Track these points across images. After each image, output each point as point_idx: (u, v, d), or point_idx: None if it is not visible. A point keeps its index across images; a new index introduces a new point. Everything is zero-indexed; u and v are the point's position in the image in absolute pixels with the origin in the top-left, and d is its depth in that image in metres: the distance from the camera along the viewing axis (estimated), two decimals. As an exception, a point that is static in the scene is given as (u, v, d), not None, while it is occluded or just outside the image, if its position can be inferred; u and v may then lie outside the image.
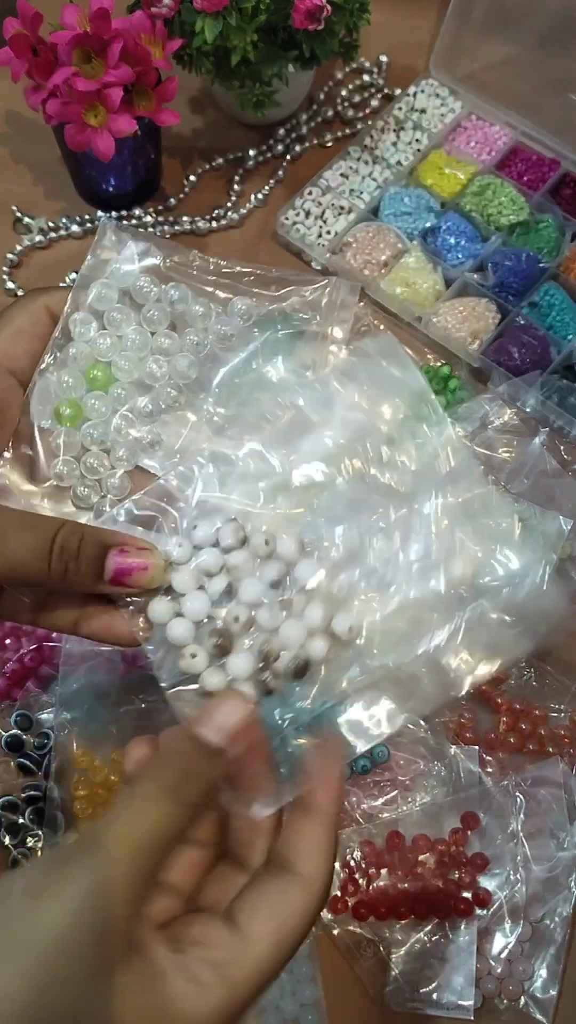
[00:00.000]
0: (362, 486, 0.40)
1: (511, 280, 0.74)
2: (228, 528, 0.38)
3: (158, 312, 0.43)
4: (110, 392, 0.42)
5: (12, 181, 0.83)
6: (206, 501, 0.40)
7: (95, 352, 0.42)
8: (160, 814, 0.31)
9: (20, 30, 0.68)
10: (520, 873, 0.58)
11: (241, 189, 0.83)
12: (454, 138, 0.85)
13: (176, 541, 0.38)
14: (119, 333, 0.43)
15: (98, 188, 0.80)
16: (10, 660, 0.62)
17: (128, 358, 0.42)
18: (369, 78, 0.89)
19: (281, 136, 0.85)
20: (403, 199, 0.79)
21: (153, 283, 0.43)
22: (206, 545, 0.38)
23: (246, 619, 0.37)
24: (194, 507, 0.40)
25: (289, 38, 0.71)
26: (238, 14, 0.66)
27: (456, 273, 0.76)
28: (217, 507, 0.39)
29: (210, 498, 0.40)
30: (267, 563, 0.38)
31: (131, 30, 0.67)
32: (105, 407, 0.42)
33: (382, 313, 0.77)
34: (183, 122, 0.80)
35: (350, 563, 0.38)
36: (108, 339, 0.42)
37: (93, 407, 0.42)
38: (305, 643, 0.37)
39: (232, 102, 0.77)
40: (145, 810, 0.31)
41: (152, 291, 0.43)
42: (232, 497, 0.40)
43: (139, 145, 0.76)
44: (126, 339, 0.43)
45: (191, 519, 0.39)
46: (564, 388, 0.71)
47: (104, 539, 0.37)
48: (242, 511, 0.39)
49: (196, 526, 0.39)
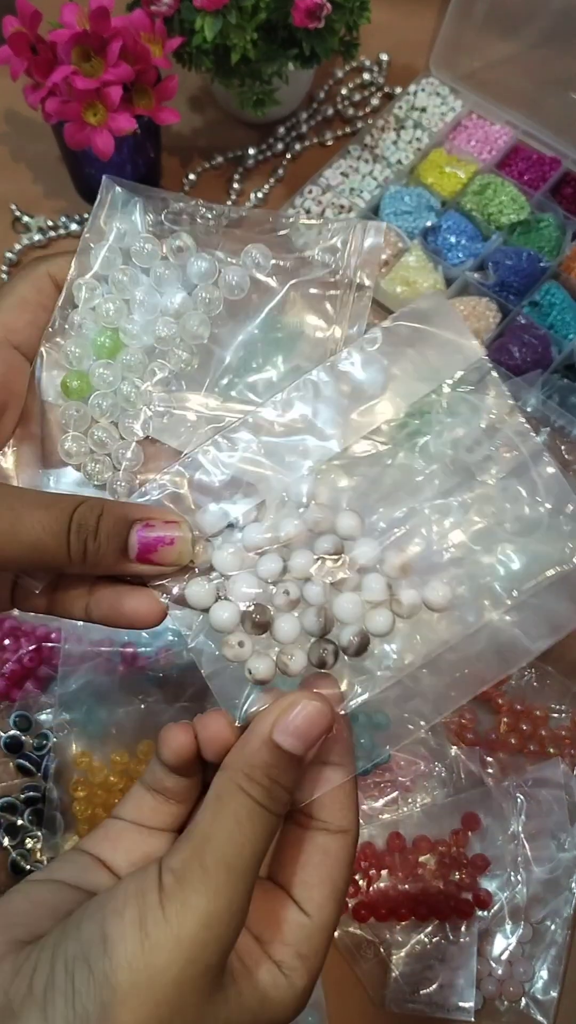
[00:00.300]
0: (414, 460, 0.37)
1: (512, 279, 0.74)
2: (273, 502, 0.35)
3: (168, 271, 0.40)
4: (118, 359, 0.39)
5: (11, 180, 0.83)
6: (240, 475, 0.36)
7: (101, 318, 0.39)
8: (258, 832, 0.31)
9: (19, 28, 0.68)
10: (521, 875, 0.58)
11: (241, 188, 0.83)
12: (454, 137, 0.84)
13: (213, 512, 0.35)
14: (125, 296, 0.40)
15: (97, 187, 0.79)
16: (9, 660, 0.61)
17: (135, 322, 0.39)
18: (369, 76, 0.88)
19: (281, 135, 0.85)
20: (403, 198, 0.79)
21: (154, 242, 0.40)
22: (248, 522, 0.35)
23: (296, 594, 0.34)
24: (226, 480, 0.36)
25: (289, 36, 0.70)
26: (238, 12, 0.66)
27: (457, 272, 0.76)
28: (256, 479, 0.36)
29: (246, 470, 0.36)
30: (320, 537, 0.35)
31: (130, 28, 0.67)
32: (113, 375, 0.39)
33: (383, 312, 0.77)
34: (183, 121, 0.79)
35: (404, 539, 0.36)
36: (114, 304, 0.39)
37: (101, 376, 0.39)
38: (365, 617, 0.34)
39: (232, 100, 0.77)
40: (244, 831, 0.31)
41: (155, 251, 0.40)
42: (269, 467, 0.36)
43: (138, 144, 0.76)
44: (133, 302, 0.40)
45: (227, 494, 0.36)
46: (565, 387, 0.71)
47: (127, 513, 0.34)
48: (284, 483, 0.36)
49: (235, 501, 0.36)
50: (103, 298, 0.39)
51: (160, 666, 0.61)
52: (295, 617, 0.34)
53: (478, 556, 0.36)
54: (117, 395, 0.39)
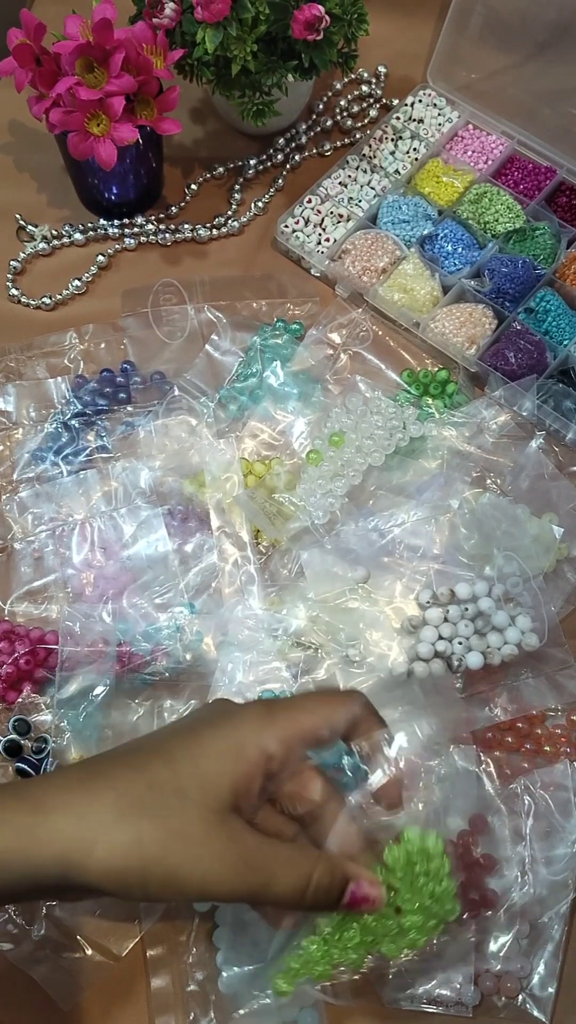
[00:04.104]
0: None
1: (507, 286, 0.75)
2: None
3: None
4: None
5: (15, 189, 0.84)
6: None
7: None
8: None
9: (24, 40, 0.69)
10: (528, 875, 0.58)
11: (241, 197, 0.84)
12: (451, 147, 0.86)
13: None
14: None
15: (100, 196, 0.81)
16: (4, 663, 0.61)
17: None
18: (367, 88, 0.90)
19: (281, 145, 0.86)
20: (401, 207, 0.80)
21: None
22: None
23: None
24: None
25: (288, 48, 0.72)
26: (238, 25, 0.67)
27: (453, 279, 0.77)
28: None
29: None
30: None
31: (133, 40, 0.68)
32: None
33: (380, 319, 0.78)
34: (184, 131, 0.81)
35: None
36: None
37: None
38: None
39: (232, 111, 0.78)
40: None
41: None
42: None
43: (141, 154, 0.77)
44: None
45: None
46: (560, 392, 0.72)
47: (347, 873, 0.44)
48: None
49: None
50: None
51: (156, 667, 0.61)
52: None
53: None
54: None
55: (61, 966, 0.55)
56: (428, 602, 0.62)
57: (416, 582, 0.64)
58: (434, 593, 0.62)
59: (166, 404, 0.71)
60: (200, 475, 0.68)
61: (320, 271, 0.80)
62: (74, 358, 0.74)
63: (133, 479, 0.68)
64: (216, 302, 0.76)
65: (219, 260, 0.82)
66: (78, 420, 0.71)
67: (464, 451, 0.70)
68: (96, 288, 0.80)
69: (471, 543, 0.64)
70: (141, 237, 0.82)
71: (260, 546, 0.67)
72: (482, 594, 0.61)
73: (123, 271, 0.81)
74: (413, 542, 0.65)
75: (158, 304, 0.75)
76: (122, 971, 0.56)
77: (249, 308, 0.77)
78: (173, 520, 0.67)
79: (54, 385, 0.72)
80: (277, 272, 0.80)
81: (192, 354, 0.74)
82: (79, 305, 0.79)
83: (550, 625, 0.61)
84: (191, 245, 0.82)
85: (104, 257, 0.80)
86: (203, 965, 0.55)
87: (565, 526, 0.66)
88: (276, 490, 0.67)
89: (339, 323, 0.76)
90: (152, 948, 0.56)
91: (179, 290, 0.76)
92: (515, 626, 0.61)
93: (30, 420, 0.71)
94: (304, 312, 0.77)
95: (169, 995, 0.55)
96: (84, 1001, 0.55)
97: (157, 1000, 0.55)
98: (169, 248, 0.82)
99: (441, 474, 0.68)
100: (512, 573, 0.61)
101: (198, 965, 0.55)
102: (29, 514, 0.67)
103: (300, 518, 0.65)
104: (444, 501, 0.67)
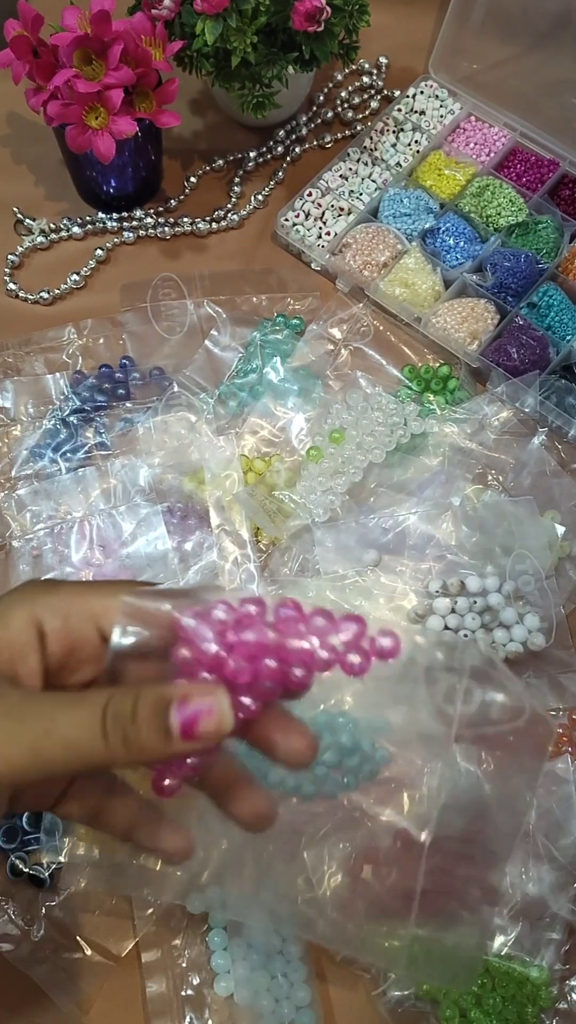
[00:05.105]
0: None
1: (510, 281, 0.75)
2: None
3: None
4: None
5: (13, 182, 0.83)
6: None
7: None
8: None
9: (21, 32, 0.68)
10: (531, 873, 0.58)
11: (241, 190, 0.84)
12: (453, 139, 0.85)
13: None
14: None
15: (99, 189, 0.80)
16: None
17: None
18: (368, 79, 0.89)
19: (281, 137, 0.86)
20: (402, 200, 0.79)
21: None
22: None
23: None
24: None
25: (289, 40, 0.71)
26: (238, 16, 0.67)
27: (455, 274, 0.76)
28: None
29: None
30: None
31: (132, 32, 0.68)
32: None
33: (382, 314, 0.77)
34: (183, 124, 0.80)
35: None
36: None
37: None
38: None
39: (232, 103, 0.77)
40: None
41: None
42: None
43: (139, 146, 0.76)
44: None
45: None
46: (562, 388, 0.71)
47: (162, 694, 0.33)
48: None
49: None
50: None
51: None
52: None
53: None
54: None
55: (60, 967, 0.55)
56: (438, 591, 0.61)
57: (423, 573, 0.64)
58: (444, 583, 0.61)
59: (165, 400, 0.70)
60: (200, 472, 0.67)
61: (321, 265, 0.79)
62: (72, 353, 0.74)
63: (132, 476, 0.68)
64: (216, 297, 0.76)
65: (219, 254, 0.81)
66: (77, 416, 0.71)
67: (466, 448, 0.69)
68: (94, 282, 0.80)
69: (472, 540, 0.64)
70: (140, 231, 0.81)
71: (260, 544, 0.67)
72: (492, 589, 0.61)
73: (122, 265, 0.80)
74: (426, 529, 0.65)
75: (157, 299, 0.75)
76: (122, 971, 0.56)
77: (249, 303, 0.76)
78: (172, 518, 0.67)
79: (52, 381, 0.72)
80: (277, 266, 0.79)
81: (191, 350, 0.74)
82: (77, 300, 0.79)
83: (557, 626, 0.60)
84: (190, 239, 0.82)
85: (103, 251, 0.80)
86: (198, 968, 0.55)
87: (567, 523, 0.65)
88: (276, 487, 0.66)
89: (340, 318, 0.75)
90: (146, 952, 0.56)
91: (178, 285, 0.75)
92: (522, 624, 0.60)
93: (28, 416, 0.71)
94: (304, 307, 0.77)
95: (165, 1000, 0.55)
96: (83, 1002, 0.55)
97: (153, 1005, 0.54)
98: (168, 242, 0.81)
99: (442, 471, 0.68)
100: (524, 571, 0.61)
101: (193, 968, 0.55)
102: (27, 512, 0.67)
103: (300, 516, 0.65)
104: (445, 498, 0.66)
